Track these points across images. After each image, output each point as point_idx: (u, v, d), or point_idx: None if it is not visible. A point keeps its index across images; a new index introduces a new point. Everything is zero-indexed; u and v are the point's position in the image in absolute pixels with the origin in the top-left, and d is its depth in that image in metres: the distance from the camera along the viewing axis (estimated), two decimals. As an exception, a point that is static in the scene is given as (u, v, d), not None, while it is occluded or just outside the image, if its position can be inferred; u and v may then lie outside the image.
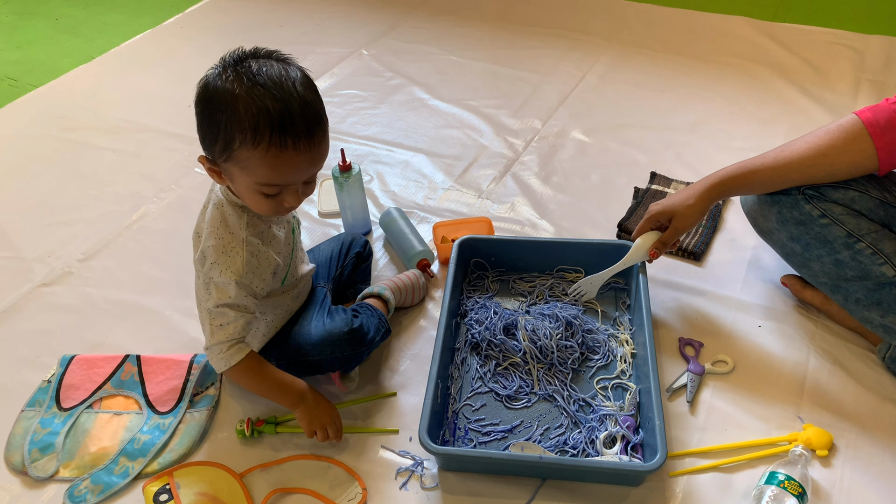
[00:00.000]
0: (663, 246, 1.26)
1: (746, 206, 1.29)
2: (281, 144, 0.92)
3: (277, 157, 0.93)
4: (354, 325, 1.14)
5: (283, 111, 0.91)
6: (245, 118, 0.91)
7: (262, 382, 1.09)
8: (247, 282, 1.04)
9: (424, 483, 1.08)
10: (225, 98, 0.92)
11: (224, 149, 0.94)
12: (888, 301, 1.14)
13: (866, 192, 1.16)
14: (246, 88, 0.91)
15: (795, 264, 1.26)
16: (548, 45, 2.26)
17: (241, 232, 1.03)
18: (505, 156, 1.79)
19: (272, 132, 0.91)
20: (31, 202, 1.72)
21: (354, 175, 1.47)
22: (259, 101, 0.91)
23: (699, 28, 2.31)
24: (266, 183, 0.96)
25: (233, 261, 1.02)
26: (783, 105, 1.91)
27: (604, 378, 1.20)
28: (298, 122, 0.92)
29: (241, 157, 0.94)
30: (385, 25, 2.44)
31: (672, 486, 1.06)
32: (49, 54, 2.44)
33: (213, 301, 1.04)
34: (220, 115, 0.93)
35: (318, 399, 1.12)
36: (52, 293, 1.46)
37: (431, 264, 1.43)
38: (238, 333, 1.05)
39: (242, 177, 0.97)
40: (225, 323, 1.04)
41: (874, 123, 1.10)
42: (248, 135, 0.91)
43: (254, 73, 0.92)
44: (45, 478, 1.10)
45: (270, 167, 0.94)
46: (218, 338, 1.04)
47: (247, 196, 1.00)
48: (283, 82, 0.92)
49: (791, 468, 1.01)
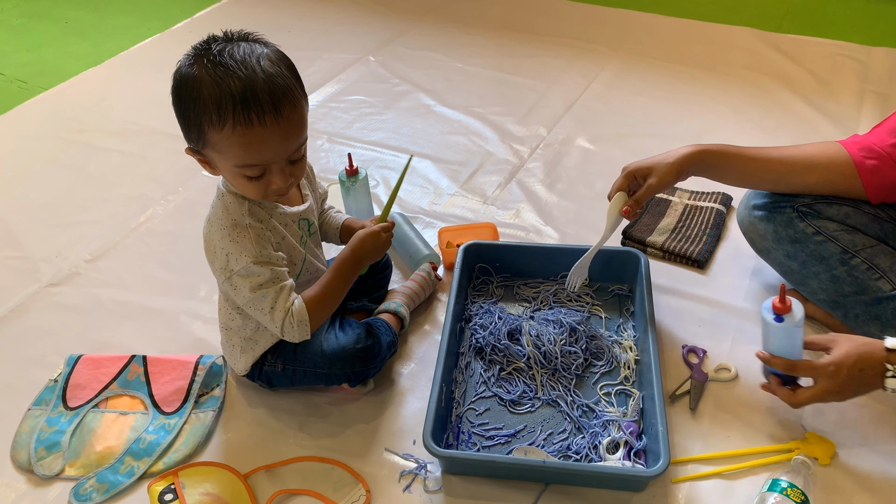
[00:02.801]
0: (636, 204, 1.20)
1: (743, 225, 1.30)
2: (246, 121, 0.91)
3: (244, 135, 0.92)
4: (367, 343, 1.14)
5: (245, 88, 0.91)
6: (209, 100, 0.92)
7: (333, 298, 1.10)
8: (265, 258, 1.03)
9: (428, 486, 1.09)
10: (191, 84, 0.93)
11: (198, 135, 0.95)
12: (886, 315, 1.15)
13: (859, 208, 1.17)
14: (209, 71, 0.92)
15: (793, 281, 1.27)
16: (553, 54, 2.27)
17: (244, 219, 1.03)
18: (510, 162, 1.80)
19: (234, 110, 0.91)
20: (39, 203, 1.74)
21: (361, 180, 1.48)
22: (220, 81, 0.91)
23: (704, 38, 2.32)
24: (242, 164, 0.96)
25: (244, 246, 1.02)
26: (787, 115, 1.92)
27: (607, 384, 1.21)
28: (262, 96, 0.91)
29: (213, 140, 0.94)
30: (392, 32, 2.46)
31: (674, 492, 1.06)
32: (58, 57, 2.45)
33: (246, 289, 1.03)
34: (189, 102, 0.94)
35: (364, 241, 1.12)
36: (59, 293, 1.47)
37: (438, 267, 1.44)
38: (288, 301, 1.04)
39: (222, 161, 0.97)
40: (273, 303, 1.03)
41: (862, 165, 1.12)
42: (213, 117, 0.92)
43: (216, 56, 0.92)
44: (50, 476, 1.11)
45: (241, 146, 0.94)
46: (278, 319, 1.04)
47: (233, 181, 1.01)
48: (246, 60, 0.92)
49: (793, 476, 1.02)
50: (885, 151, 1.10)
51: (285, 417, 1.19)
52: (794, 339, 1.08)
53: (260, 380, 1.18)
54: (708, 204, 1.58)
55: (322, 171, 1.80)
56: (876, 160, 1.11)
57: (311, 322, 1.06)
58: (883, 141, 1.11)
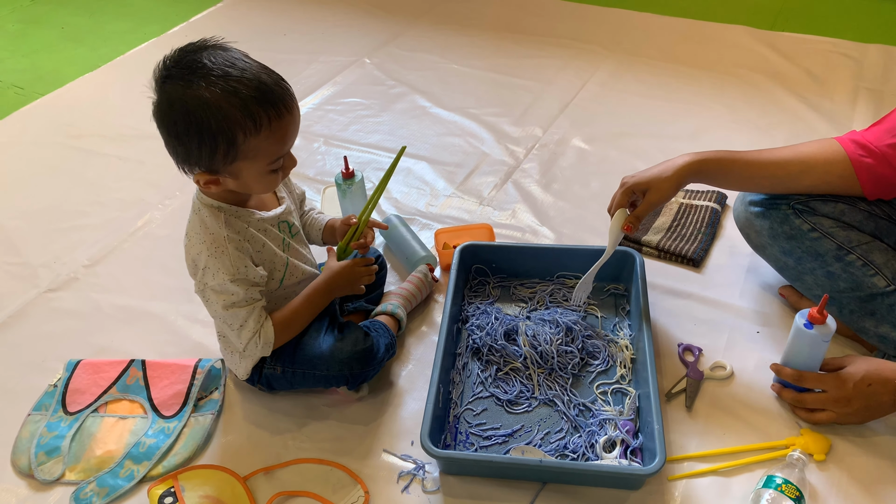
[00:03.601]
0: (637, 220, 1.21)
1: (739, 221, 1.30)
2: (277, 115, 0.96)
3: (280, 128, 0.97)
4: (366, 346, 1.15)
5: (259, 87, 0.94)
6: (237, 112, 0.93)
7: (300, 321, 1.14)
8: (242, 276, 1.05)
9: (426, 486, 1.09)
10: (204, 107, 0.93)
11: (228, 151, 0.96)
12: (881, 311, 1.15)
13: (854, 206, 1.17)
14: (217, 87, 0.92)
15: (789, 277, 1.27)
16: (549, 54, 2.28)
17: (221, 230, 1.04)
18: (506, 163, 1.81)
19: (265, 109, 0.95)
20: (37, 208, 1.74)
21: (357, 182, 1.49)
22: (236, 91, 0.93)
23: (699, 37, 2.33)
24: (276, 158, 1.00)
25: (221, 262, 1.03)
26: (782, 114, 1.93)
27: (603, 383, 1.22)
28: (274, 88, 0.96)
29: (248, 148, 0.96)
30: (388, 34, 2.47)
31: (671, 489, 1.07)
32: (55, 62, 2.46)
33: (219, 306, 1.05)
34: (209, 125, 0.93)
35: (337, 275, 1.17)
36: (57, 298, 1.48)
37: (434, 269, 1.45)
38: (258, 322, 1.08)
39: (251, 167, 0.99)
40: (243, 322, 1.07)
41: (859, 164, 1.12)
42: (247, 124, 0.94)
43: (211, 69, 0.93)
44: (51, 481, 1.12)
45: (277, 140, 0.98)
46: (245, 338, 1.08)
47: (259, 183, 1.03)
48: (236, 62, 0.95)
49: (789, 472, 1.02)
50: (882, 150, 1.11)
51: (284, 420, 1.20)
52: (818, 350, 1.10)
53: (260, 383, 1.19)
54: (703, 203, 1.59)
55: (318, 174, 1.81)
56: (872, 159, 1.11)
57: (274, 342, 1.11)
58: (880, 140, 1.12)
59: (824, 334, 1.08)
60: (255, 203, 1.12)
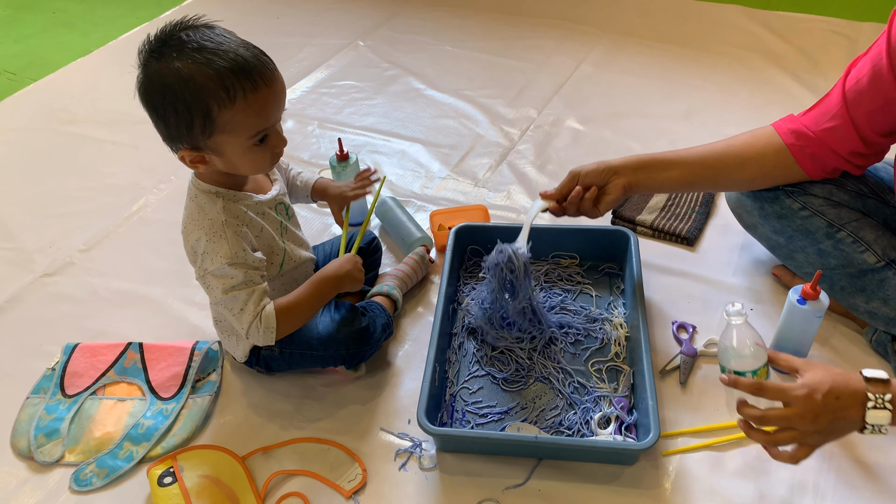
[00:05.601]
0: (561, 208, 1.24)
1: (731, 202, 1.32)
2: (253, 87, 0.94)
3: (256, 101, 0.95)
4: (362, 324, 1.15)
5: (235, 58, 0.93)
6: (210, 82, 0.92)
7: (305, 311, 1.11)
8: (241, 260, 1.04)
9: (423, 464, 1.10)
10: (181, 80, 0.93)
11: (205, 125, 0.95)
12: (871, 287, 1.16)
13: (842, 186, 1.19)
14: (193, 60, 0.92)
15: (781, 256, 1.28)
16: (543, 35, 2.27)
17: (220, 216, 1.04)
18: (501, 145, 1.81)
19: (240, 81, 0.93)
20: (32, 194, 1.74)
21: (352, 164, 1.49)
22: (210, 62, 0.92)
23: (693, 17, 2.33)
24: (257, 132, 0.98)
25: (219, 246, 1.03)
26: (776, 93, 1.93)
27: (598, 360, 1.23)
28: (252, 61, 0.95)
29: (224, 121, 0.95)
30: (381, 17, 2.45)
31: (665, 464, 1.08)
32: (47, 48, 2.45)
33: (218, 290, 1.04)
34: (183, 96, 0.93)
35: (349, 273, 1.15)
36: (54, 283, 1.48)
37: (430, 250, 1.45)
38: (259, 305, 1.05)
39: (232, 142, 0.98)
40: (243, 305, 1.04)
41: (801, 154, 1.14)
42: (221, 95, 0.93)
43: (187, 43, 0.93)
44: (50, 462, 1.13)
45: (255, 112, 0.96)
46: (246, 321, 1.05)
47: (244, 159, 1.01)
48: (214, 38, 0.95)
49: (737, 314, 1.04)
50: (818, 135, 1.13)
51: (281, 400, 1.20)
52: (810, 326, 1.11)
53: (258, 365, 1.20)
54: (697, 182, 1.59)
55: (313, 157, 1.81)
56: (810, 146, 1.13)
57: (277, 330, 1.06)
58: (817, 124, 1.13)
59: (817, 310, 1.09)
60: (251, 187, 1.12)
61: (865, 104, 1.07)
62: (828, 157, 1.13)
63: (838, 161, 1.13)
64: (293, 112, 1.98)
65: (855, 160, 1.13)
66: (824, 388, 0.88)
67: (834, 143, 1.12)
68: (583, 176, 1.21)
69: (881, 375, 0.89)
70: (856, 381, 0.89)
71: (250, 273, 1.05)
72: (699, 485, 1.05)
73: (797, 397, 0.89)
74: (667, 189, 1.28)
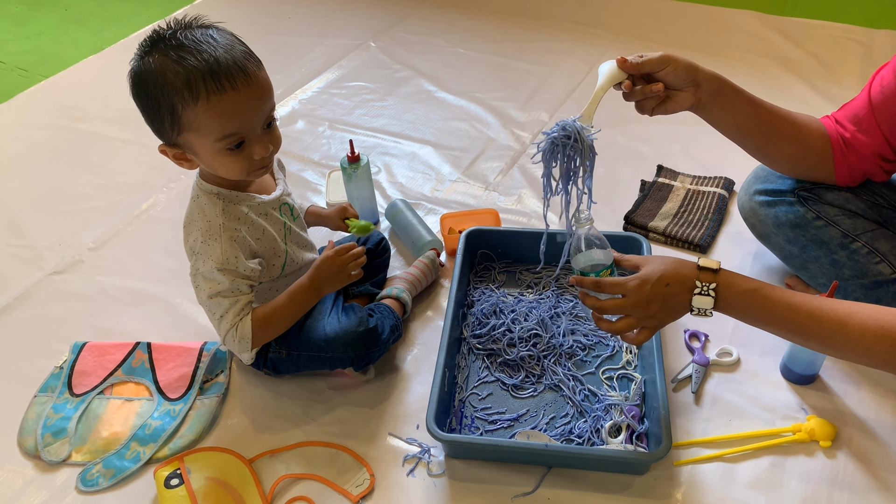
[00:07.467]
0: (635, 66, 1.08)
1: (744, 211, 1.31)
2: (218, 89, 0.92)
3: (221, 102, 0.93)
4: (370, 326, 1.15)
5: (208, 59, 0.92)
6: (176, 81, 0.92)
7: (284, 319, 1.11)
8: (231, 267, 1.04)
9: (431, 470, 1.09)
10: (153, 73, 0.93)
11: (172, 122, 0.95)
12: (887, 299, 1.15)
13: (857, 195, 1.18)
14: (168, 56, 0.92)
15: (794, 266, 1.27)
16: (555, 38, 2.26)
17: (218, 219, 1.04)
18: (512, 148, 1.80)
19: (204, 80, 0.92)
20: (42, 191, 1.74)
21: (363, 166, 1.48)
22: (183, 60, 0.92)
23: (707, 22, 2.31)
24: (223, 135, 0.96)
25: (213, 249, 1.03)
26: (790, 99, 1.91)
27: (609, 368, 1.21)
28: (227, 63, 0.93)
29: (188, 120, 0.94)
30: (392, 18, 2.45)
31: (676, 474, 1.07)
32: (58, 45, 2.45)
33: (205, 293, 1.05)
34: (154, 90, 0.93)
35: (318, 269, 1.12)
36: (62, 281, 1.48)
37: (441, 254, 1.44)
38: (238, 316, 1.06)
39: (201, 143, 0.97)
40: (223, 312, 1.06)
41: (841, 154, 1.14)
42: (184, 94, 0.92)
43: (170, 41, 0.93)
44: (57, 462, 1.12)
45: (218, 115, 0.94)
46: (223, 329, 1.07)
47: (216, 163, 1.00)
48: (200, 39, 0.94)
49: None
50: (851, 142, 1.12)
51: (289, 403, 1.20)
52: None
53: (266, 367, 1.19)
54: (710, 189, 1.58)
55: (323, 158, 1.80)
56: (852, 157, 1.12)
57: (253, 339, 1.07)
58: (846, 129, 1.13)
59: None
60: (255, 188, 1.11)
61: (890, 109, 1.06)
62: (860, 165, 1.13)
63: (868, 165, 1.12)
64: (304, 112, 1.98)
65: (884, 165, 1.13)
66: (654, 277, 0.97)
67: (863, 147, 1.11)
68: (670, 69, 1.07)
69: (712, 265, 0.97)
70: (687, 268, 0.98)
71: (237, 282, 1.05)
72: (711, 496, 1.04)
73: (630, 288, 0.98)
74: (724, 126, 1.16)
